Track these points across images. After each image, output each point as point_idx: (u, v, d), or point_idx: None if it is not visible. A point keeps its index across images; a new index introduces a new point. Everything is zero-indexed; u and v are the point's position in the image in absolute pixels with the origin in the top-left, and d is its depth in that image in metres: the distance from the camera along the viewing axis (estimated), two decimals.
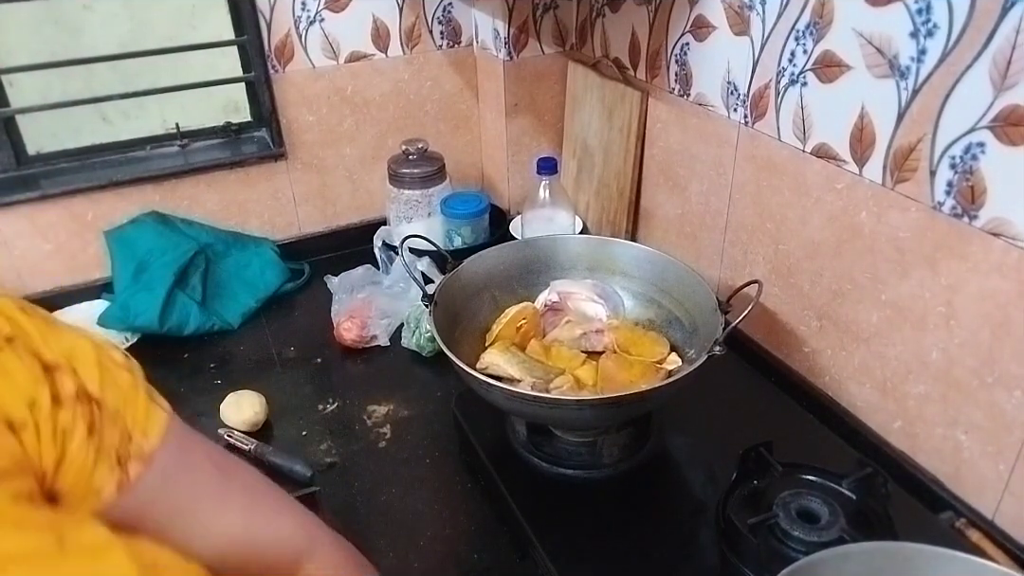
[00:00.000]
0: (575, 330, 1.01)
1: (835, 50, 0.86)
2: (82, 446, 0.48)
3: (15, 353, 0.47)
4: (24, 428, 0.45)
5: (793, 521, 0.77)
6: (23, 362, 0.47)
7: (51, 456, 0.47)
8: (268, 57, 1.29)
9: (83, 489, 0.49)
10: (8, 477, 0.44)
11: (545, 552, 0.81)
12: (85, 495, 0.49)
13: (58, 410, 0.47)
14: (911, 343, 0.87)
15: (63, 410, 0.47)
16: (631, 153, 1.25)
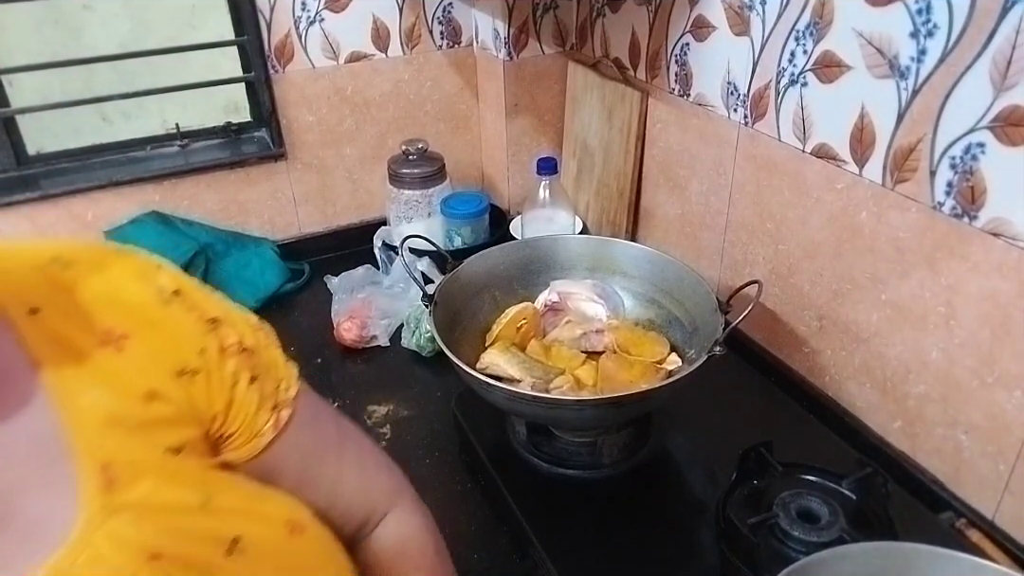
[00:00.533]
0: (575, 330, 1.01)
1: (835, 50, 0.86)
2: (246, 392, 0.53)
3: (183, 306, 0.52)
4: (197, 374, 0.50)
5: (793, 521, 0.77)
6: (191, 314, 0.52)
7: (222, 401, 0.52)
8: (268, 57, 1.29)
9: (248, 432, 0.54)
10: (170, 427, 0.48)
11: (545, 552, 0.81)
12: (249, 438, 0.54)
13: (225, 359, 0.52)
14: (911, 343, 0.87)
15: (229, 359, 0.52)
16: (631, 153, 1.25)
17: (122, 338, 0.48)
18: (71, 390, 0.45)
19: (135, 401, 0.47)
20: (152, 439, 0.47)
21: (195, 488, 0.48)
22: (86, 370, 0.46)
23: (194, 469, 0.49)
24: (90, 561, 0.41)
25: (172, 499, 0.46)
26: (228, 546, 0.47)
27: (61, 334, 0.46)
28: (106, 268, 0.51)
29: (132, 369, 0.48)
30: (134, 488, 0.44)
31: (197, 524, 0.47)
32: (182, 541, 0.45)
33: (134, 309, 0.50)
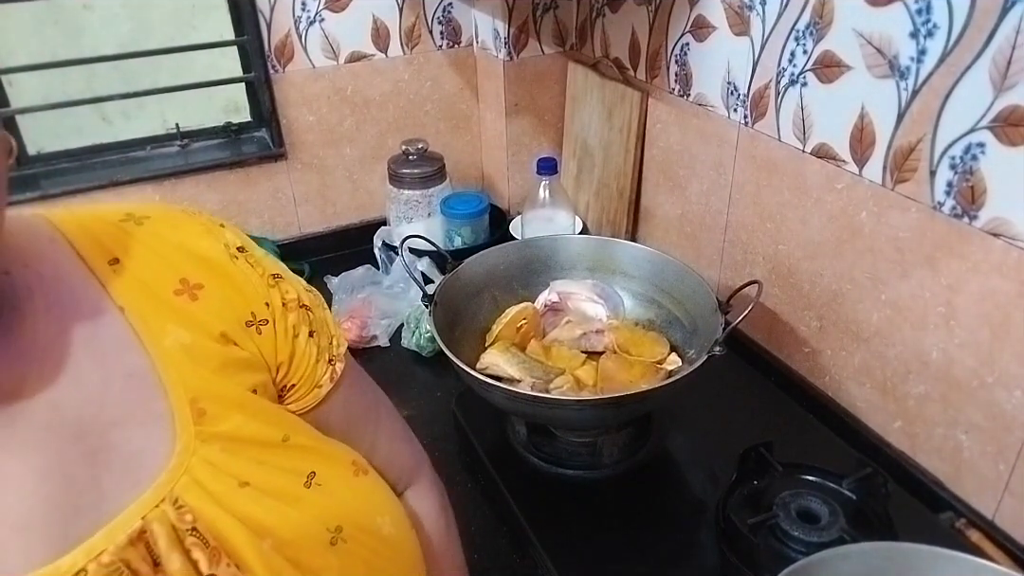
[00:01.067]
0: (575, 330, 1.01)
1: (835, 50, 0.86)
2: (307, 344, 0.57)
3: (247, 262, 0.56)
4: (265, 324, 0.54)
5: (793, 521, 0.77)
6: (256, 269, 0.56)
7: (286, 351, 0.55)
8: (268, 57, 1.29)
9: (309, 383, 0.57)
10: (250, 370, 0.52)
11: (545, 552, 0.81)
12: (310, 389, 0.57)
13: (287, 312, 0.56)
14: (911, 343, 0.87)
15: (290, 312, 0.56)
16: (631, 153, 1.25)
17: (196, 287, 0.51)
18: (155, 332, 0.48)
19: (214, 342, 0.50)
20: (234, 378, 0.50)
21: (276, 425, 0.51)
22: (166, 314, 0.49)
23: (272, 408, 0.53)
24: (188, 485, 0.45)
25: (256, 433, 0.49)
26: (306, 479, 0.51)
27: (140, 282, 0.49)
28: (177, 224, 0.55)
29: (207, 315, 0.51)
30: (223, 421, 0.48)
31: (279, 457, 0.50)
32: (267, 472, 0.49)
33: (206, 262, 0.53)
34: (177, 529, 0.44)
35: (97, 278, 0.48)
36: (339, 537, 0.51)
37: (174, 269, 0.51)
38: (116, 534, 0.42)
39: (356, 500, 0.54)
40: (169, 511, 0.44)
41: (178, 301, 0.50)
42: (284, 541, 0.47)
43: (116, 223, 0.51)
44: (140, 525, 0.43)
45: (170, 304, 0.50)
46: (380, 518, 0.55)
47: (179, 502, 0.44)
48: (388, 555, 0.55)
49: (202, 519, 0.45)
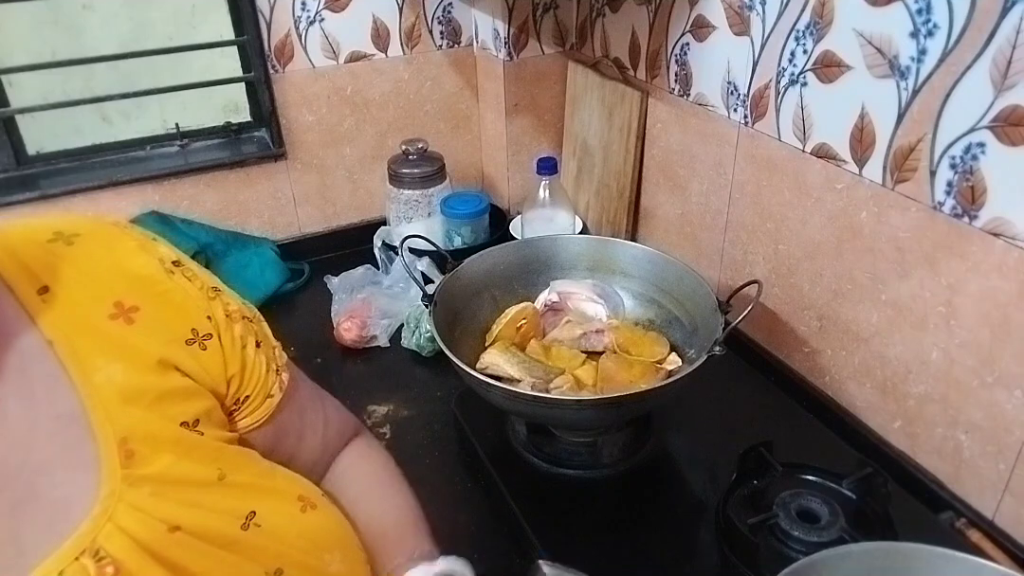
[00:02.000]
0: (575, 330, 1.01)
1: (835, 50, 0.86)
2: (255, 354, 0.56)
3: (184, 276, 0.53)
4: (209, 338, 0.52)
5: (793, 521, 0.77)
6: (194, 283, 0.54)
7: (236, 362, 0.54)
8: (268, 57, 1.29)
9: (262, 393, 0.56)
10: (185, 400, 0.49)
11: (545, 552, 0.81)
12: (263, 399, 0.56)
13: (232, 323, 0.54)
14: (911, 343, 0.87)
15: (235, 323, 0.55)
16: (631, 153, 1.25)
17: (132, 310, 0.49)
18: (86, 367, 0.45)
19: (149, 373, 0.48)
20: (168, 413, 0.48)
21: (211, 463, 0.49)
22: (99, 345, 0.47)
23: (210, 444, 0.50)
24: (113, 532, 0.42)
25: (189, 473, 0.47)
26: (244, 520, 0.48)
27: (72, 312, 0.47)
28: (110, 242, 0.52)
29: (144, 340, 0.48)
30: (152, 462, 0.45)
31: (214, 497, 0.48)
32: (200, 514, 0.46)
33: (141, 280, 0.51)
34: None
35: (25, 310, 0.45)
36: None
37: (108, 291, 0.49)
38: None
39: (301, 539, 0.52)
40: (88, 564, 0.41)
41: (113, 327, 0.48)
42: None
43: (44, 245, 0.49)
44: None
45: (104, 333, 0.47)
46: (328, 555, 0.53)
47: (100, 553, 0.42)
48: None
49: (125, 570, 0.42)
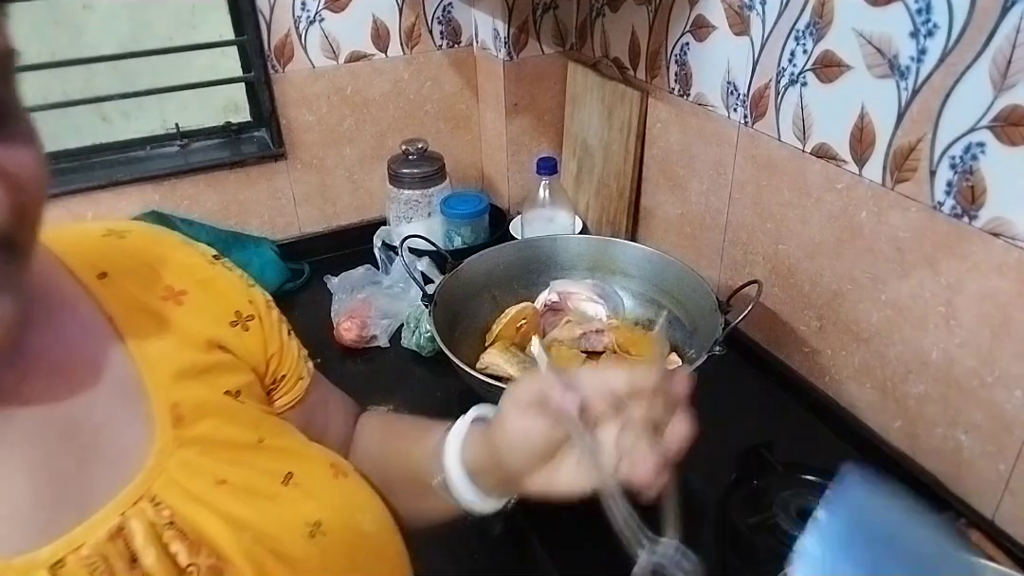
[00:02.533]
0: (575, 330, 1.01)
1: (835, 50, 0.86)
2: (289, 339, 0.62)
3: (224, 267, 0.59)
4: (251, 319, 0.58)
5: (793, 521, 0.77)
6: (234, 272, 0.60)
7: (275, 343, 0.60)
8: (268, 57, 1.29)
9: (295, 375, 0.62)
10: (229, 372, 0.55)
11: (545, 552, 0.81)
12: (296, 381, 0.62)
13: (269, 308, 0.61)
14: (911, 343, 0.87)
15: (272, 309, 0.61)
16: (631, 153, 1.25)
17: (181, 294, 0.54)
18: (141, 341, 0.51)
19: (197, 350, 0.53)
20: (213, 383, 0.53)
21: (251, 429, 0.53)
22: (153, 323, 0.52)
23: (250, 411, 0.55)
24: (166, 483, 0.47)
25: (231, 436, 0.52)
26: (283, 478, 0.53)
27: (128, 293, 0.52)
28: (157, 238, 0.58)
29: (192, 321, 0.54)
30: (198, 425, 0.50)
31: (254, 459, 0.52)
32: (243, 471, 0.51)
33: (187, 269, 0.56)
34: (155, 525, 0.45)
35: (87, 291, 0.51)
36: (318, 531, 0.52)
37: (158, 277, 0.54)
38: (96, 529, 0.43)
39: (335, 499, 0.55)
40: (147, 508, 0.46)
41: (165, 307, 0.53)
42: (264, 533, 0.49)
43: (100, 238, 0.54)
44: (119, 521, 0.44)
45: (156, 312, 0.53)
46: (360, 515, 0.56)
47: (157, 499, 0.46)
48: (370, 548, 0.56)
49: (180, 514, 0.46)
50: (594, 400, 0.50)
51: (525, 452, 0.53)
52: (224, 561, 0.47)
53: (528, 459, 0.53)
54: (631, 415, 0.50)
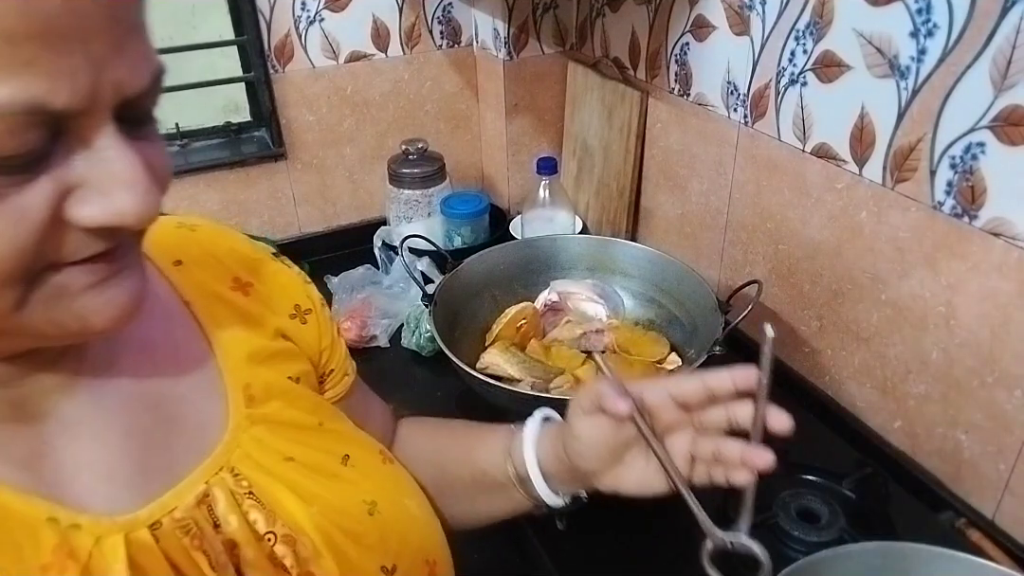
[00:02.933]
0: (575, 330, 1.01)
1: (835, 50, 0.86)
2: (338, 337, 0.65)
3: (284, 263, 0.63)
4: (309, 312, 0.61)
5: (793, 521, 0.77)
6: (292, 269, 0.63)
7: (328, 337, 0.63)
8: (268, 57, 1.29)
9: (342, 370, 0.65)
10: (291, 360, 0.58)
11: (545, 552, 0.81)
12: (342, 376, 0.65)
13: (323, 306, 0.64)
14: (911, 343, 0.87)
15: (324, 308, 0.64)
16: (631, 153, 1.25)
17: (247, 285, 0.58)
18: (216, 325, 0.54)
19: (264, 337, 0.57)
20: (279, 368, 0.56)
21: (312, 412, 0.57)
22: (225, 310, 0.56)
23: (310, 396, 0.59)
24: (242, 456, 0.50)
25: (294, 418, 0.55)
26: (342, 459, 0.56)
27: (200, 281, 0.56)
28: (224, 232, 0.61)
29: (259, 310, 0.58)
30: (267, 406, 0.53)
31: (316, 439, 0.55)
32: (307, 450, 0.54)
33: (253, 262, 0.60)
34: (235, 493, 0.48)
35: (165, 277, 0.54)
36: (375, 509, 0.55)
37: (227, 268, 0.58)
38: (185, 495, 0.47)
39: (387, 482, 0.59)
40: (227, 478, 0.49)
41: (234, 296, 0.57)
42: (330, 507, 0.52)
43: (173, 230, 0.58)
44: (204, 488, 0.48)
45: (228, 300, 0.56)
46: (408, 500, 0.60)
47: (235, 470, 0.49)
48: (418, 530, 0.59)
49: (257, 485, 0.50)
50: (659, 408, 0.55)
51: (592, 453, 0.57)
52: (297, 531, 0.49)
53: (596, 460, 0.58)
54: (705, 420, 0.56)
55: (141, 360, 0.50)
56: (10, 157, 0.32)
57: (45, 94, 0.32)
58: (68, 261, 0.37)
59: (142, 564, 0.43)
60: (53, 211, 0.35)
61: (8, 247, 0.34)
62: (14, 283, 0.35)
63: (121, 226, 0.37)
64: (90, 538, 0.42)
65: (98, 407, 0.46)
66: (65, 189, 0.35)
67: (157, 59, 0.38)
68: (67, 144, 0.35)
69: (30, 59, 0.31)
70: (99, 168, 0.36)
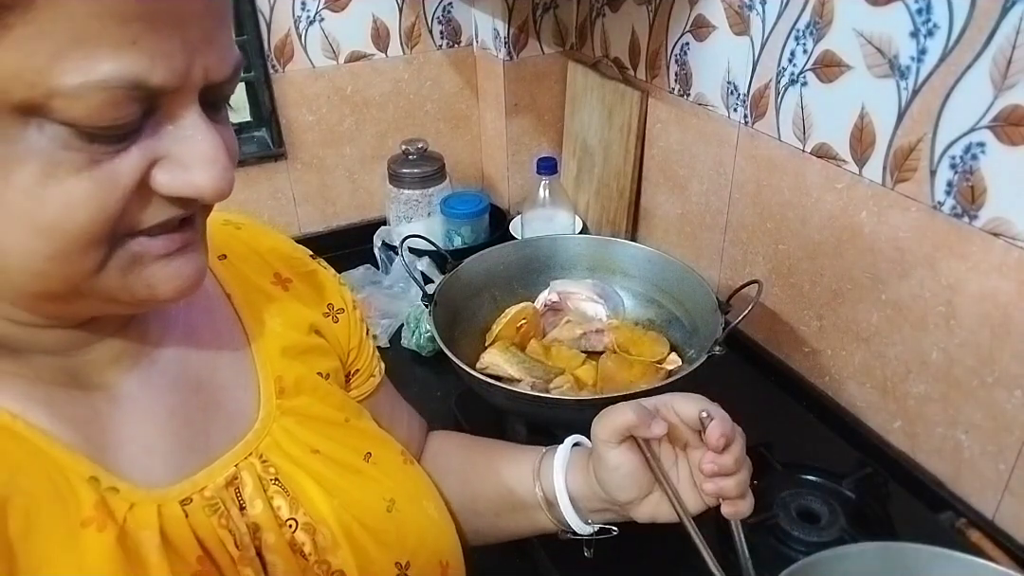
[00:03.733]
0: (575, 330, 1.01)
1: (835, 50, 0.86)
2: (367, 338, 0.68)
3: (321, 264, 0.67)
4: (341, 312, 0.65)
5: (793, 521, 0.77)
6: (328, 270, 0.67)
7: (357, 337, 0.66)
8: (268, 57, 1.29)
9: (367, 371, 0.68)
10: (322, 356, 0.61)
11: (545, 552, 0.81)
12: (367, 377, 0.68)
13: (355, 308, 0.67)
14: (911, 343, 0.87)
15: (356, 309, 0.67)
16: (631, 153, 1.25)
17: (287, 281, 0.61)
18: (253, 319, 0.57)
19: (299, 332, 0.59)
20: (310, 363, 0.59)
21: (339, 409, 0.59)
22: (264, 304, 0.58)
23: (338, 393, 0.61)
24: (271, 444, 0.53)
25: (322, 413, 0.57)
26: (364, 456, 0.58)
27: (243, 275, 0.59)
28: (267, 232, 0.64)
29: (296, 306, 0.60)
30: (297, 399, 0.56)
31: (341, 435, 0.58)
32: (333, 444, 0.56)
33: (292, 260, 0.63)
34: (262, 479, 0.51)
35: (210, 269, 0.55)
36: (394, 507, 0.57)
37: (268, 264, 0.61)
38: (216, 475, 0.49)
39: (406, 482, 0.61)
40: (256, 463, 0.51)
41: (274, 291, 0.60)
42: (351, 501, 0.54)
43: (220, 226, 0.60)
44: (234, 471, 0.50)
45: (268, 294, 0.59)
46: (426, 501, 0.61)
47: (264, 457, 0.52)
48: (434, 531, 0.60)
49: (283, 473, 0.52)
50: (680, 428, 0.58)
51: (629, 482, 0.59)
52: (317, 521, 0.51)
53: (635, 488, 0.59)
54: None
55: (187, 345, 0.53)
56: (109, 127, 0.35)
57: (146, 71, 0.35)
58: (145, 227, 0.40)
59: (171, 535, 0.45)
60: (140, 179, 0.38)
61: (99, 210, 0.37)
62: (100, 245, 0.38)
63: (198, 197, 0.40)
64: (125, 503, 0.44)
65: (146, 385, 0.49)
66: (152, 160, 0.38)
67: (238, 52, 0.41)
68: (157, 119, 0.38)
69: (136, 38, 0.34)
70: (184, 144, 0.39)
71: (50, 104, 0.34)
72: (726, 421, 0.57)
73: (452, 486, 0.69)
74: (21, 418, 0.43)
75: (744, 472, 0.59)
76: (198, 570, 0.45)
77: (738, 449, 0.58)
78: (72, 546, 0.41)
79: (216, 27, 0.39)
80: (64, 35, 0.33)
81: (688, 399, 0.58)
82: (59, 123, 0.34)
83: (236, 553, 0.48)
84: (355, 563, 0.52)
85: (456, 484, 0.69)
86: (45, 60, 0.33)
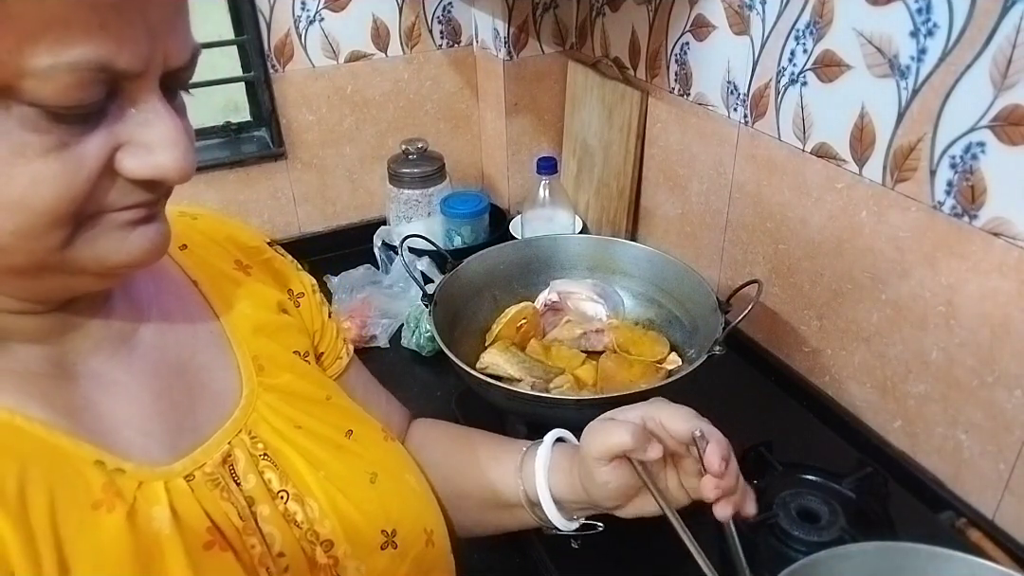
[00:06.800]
0: (575, 330, 1.01)
1: (835, 50, 0.86)
2: (329, 321, 0.70)
3: (278, 251, 0.68)
4: (302, 296, 0.67)
5: (793, 521, 0.77)
6: (286, 257, 0.69)
7: (319, 320, 0.68)
8: (268, 57, 1.28)
9: (333, 353, 0.69)
10: (295, 334, 0.63)
11: (545, 552, 0.81)
12: (334, 359, 0.70)
13: (314, 291, 0.69)
14: (911, 343, 0.87)
15: (315, 292, 0.69)
16: (631, 153, 1.25)
17: (248, 267, 0.63)
18: (222, 302, 0.59)
19: (269, 311, 0.62)
20: (284, 342, 0.61)
21: (319, 387, 0.61)
22: (230, 287, 0.60)
23: (316, 372, 0.63)
24: (258, 420, 0.55)
25: (303, 391, 0.59)
26: (346, 433, 0.60)
27: (206, 261, 0.60)
28: (223, 221, 0.66)
29: (261, 288, 0.62)
30: (277, 377, 0.58)
31: (323, 411, 0.59)
32: (315, 420, 0.58)
33: (250, 249, 0.65)
34: (252, 454, 0.53)
35: (173, 258, 0.59)
36: (377, 479, 0.59)
37: (228, 253, 0.63)
38: (211, 452, 0.51)
39: (387, 457, 0.63)
40: (245, 439, 0.53)
41: (238, 275, 0.62)
42: (335, 473, 0.56)
43: (177, 217, 0.60)
44: (227, 449, 0.52)
45: (232, 278, 0.61)
46: (407, 475, 0.63)
47: (252, 433, 0.54)
48: (416, 501, 0.62)
49: (271, 448, 0.54)
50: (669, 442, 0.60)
51: (619, 494, 0.61)
52: (304, 492, 0.54)
53: (623, 498, 0.62)
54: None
55: (162, 330, 0.54)
56: (74, 107, 0.37)
57: (113, 55, 0.36)
58: (111, 209, 0.42)
59: (180, 510, 0.47)
60: (106, 162, 0.40)
61: (65, 191, 0.38)
62: (65, 224, 0.39)
63: (163, 180, 0.42)
64: (133, 482, 0.45)
65: (129, 370, 0.50)
66: (117, 143, 0.40)
67: (196, 40, 0.43)
68: (120, 104, 0.39)
69: (104, 23, 0.36)
70: (147, 127, 0.40)
71: (19, 85, 0.35)
72: (722, 442, 0.58)
73: (435, 482, 0.69)
74: (19, 413, 0.43)
75: (742, 478, 0.61)
76: (209, 540, 0.47)
77: (733, 461, 0.59)
78: (87, 529, 0.42)
79: (176, 14, 0.40)
80: (35, 18, 0.34)
81: (677, 415, 0.60)
82: (27, 104, 0.36)
83: (240, 524, 0.49)
84: (343, 532, 0.54)
85: (439, 480, 0.70)
86: (15, 42, 0.34)
